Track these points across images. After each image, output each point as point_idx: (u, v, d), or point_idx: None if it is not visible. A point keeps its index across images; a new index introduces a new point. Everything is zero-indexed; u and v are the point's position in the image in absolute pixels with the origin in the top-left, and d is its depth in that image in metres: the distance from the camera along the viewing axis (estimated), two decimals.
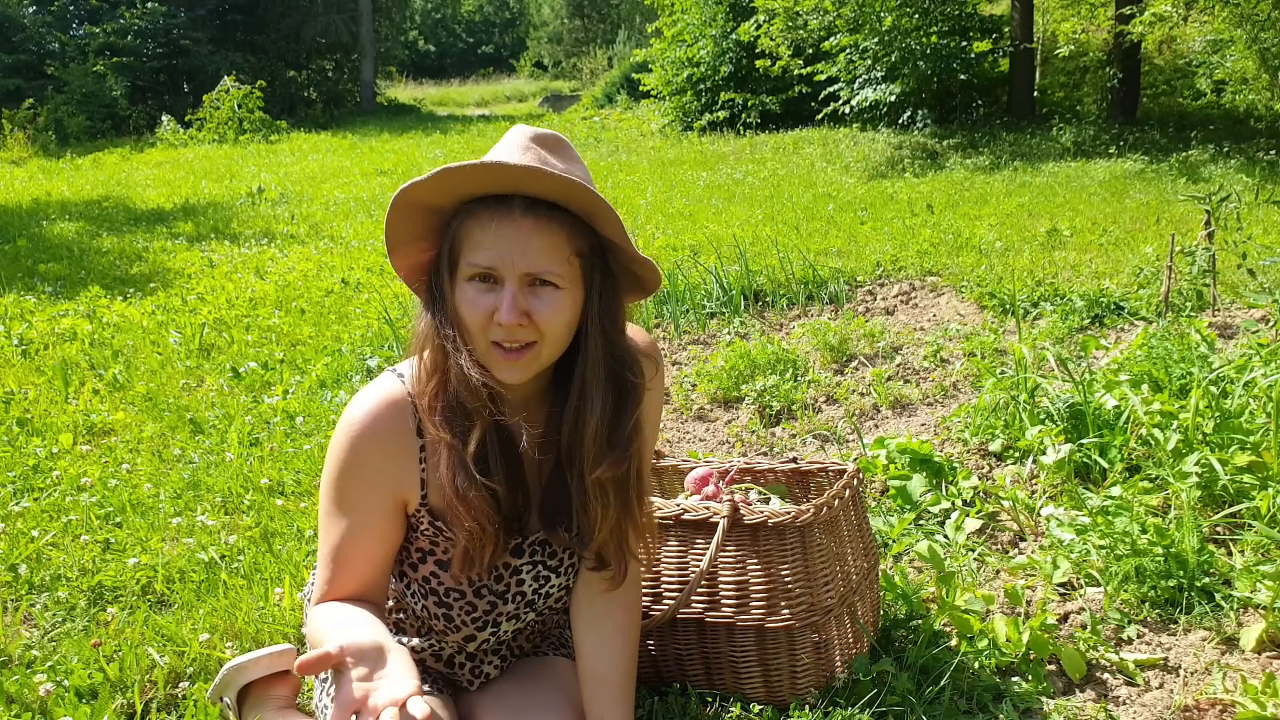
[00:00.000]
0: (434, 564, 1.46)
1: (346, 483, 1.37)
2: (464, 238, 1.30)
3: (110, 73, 19.14)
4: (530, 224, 1.28)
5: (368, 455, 1.36)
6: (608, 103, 21.69)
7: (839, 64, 12.26)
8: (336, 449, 1.37)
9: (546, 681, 1.59)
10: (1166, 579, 2.06)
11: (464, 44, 49.07)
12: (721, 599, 1.72)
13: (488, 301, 1.28)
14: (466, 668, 1.59)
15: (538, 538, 1.48)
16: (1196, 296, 4.09)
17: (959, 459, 2.83)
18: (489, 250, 1.28)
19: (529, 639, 1.65)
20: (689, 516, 1.73)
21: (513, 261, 1.27)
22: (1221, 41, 11.01)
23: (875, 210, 7.22)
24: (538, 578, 1.50)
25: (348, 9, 24.82)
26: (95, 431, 3.42)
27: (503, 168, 1.25)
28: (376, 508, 1.38)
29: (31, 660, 2.03)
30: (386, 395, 1.38)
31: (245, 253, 6.95)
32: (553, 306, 1.29)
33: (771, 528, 1.68)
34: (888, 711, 1.69)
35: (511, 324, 1.27)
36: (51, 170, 12.92)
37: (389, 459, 1.37)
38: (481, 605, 1.48)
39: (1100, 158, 9.37)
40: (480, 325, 1.29)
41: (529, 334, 1.29)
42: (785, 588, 1.68)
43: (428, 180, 1.27)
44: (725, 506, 1.70)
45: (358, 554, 1.38)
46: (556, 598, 1.57)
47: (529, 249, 1.27)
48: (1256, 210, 5.81)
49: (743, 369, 3.62)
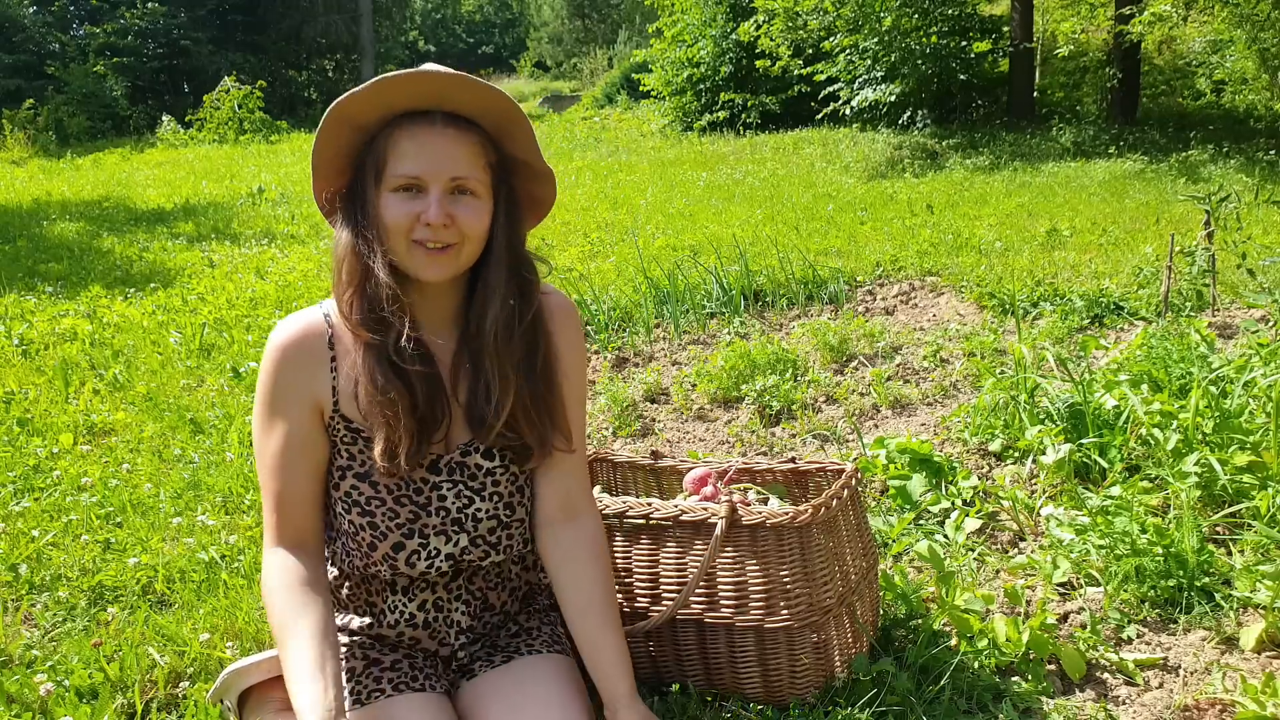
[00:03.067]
0: (353, 478, 1.53)
1: (269, 399, 1.50)
2: (390, 149, 1.43)
3: (110, 73, 19.15)
4: (452, 134, 1.43)
5: (283, 369, 1.49)
6: (608, 103, 21.70)
7: (839, 64, 12.27)
8: (260, 373, 1.52)
9: (543, 679, 1.59)
10: (1166, 579, 2.06)
11: (464, 44, 49.08)
12: (720, 600, 1.72)
13: (412, 207, 1.42)
14: (439, 621, 1.59)
15: (454, 457, 1.54)
16: (1196, 296, 4.09)
17: (959, 459, 2.83)
18: (415, 159, 1.41)
19: (494, 588, 1.65)
20: (687, 518, 1.73)
21: (438, 169, 1.41)
22: (1221, 41, 11.03)
23: (875, 210, 7.22)
24: (459, 495, 1.55)
25: (348, 9, 24.84)
26: (95, 431, 3.42)
27: (436, 75, 1.39)
28: (297, 418, 1.49)
29: (32, 660, 2.03)
30: (300, 316, 1.53)
31: (246, 253, 6.96)
32: (473, 211, 1.44)
33: (770, 528, 1.68)
34: (888, 711, 1.69)
35: (438, 223, 1.40)
36: (52, 170, 12.92)
37: (302, 369, 1.49)
38: (404, 513, 1.53)
39: (1100, 158, 9.37)
40: (405, 229, 1.42)
41: (452, 235, 1.43)
42: (784, 588, 1.68)
43: (363, 90, 1.39)
44: (723, 508, 1.69)
45: (293, 473, 1.49)
46: (489, 527, 1.57)
47: (454, 158, 1.42)
48: (1256, 210, 5.81)
49: (743, 369, 3.62)
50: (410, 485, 1.53)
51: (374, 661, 1.56)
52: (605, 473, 2.20)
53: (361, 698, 1.51)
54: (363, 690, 1.52)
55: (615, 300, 4.70)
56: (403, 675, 1.54)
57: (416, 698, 1.51)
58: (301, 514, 1.51)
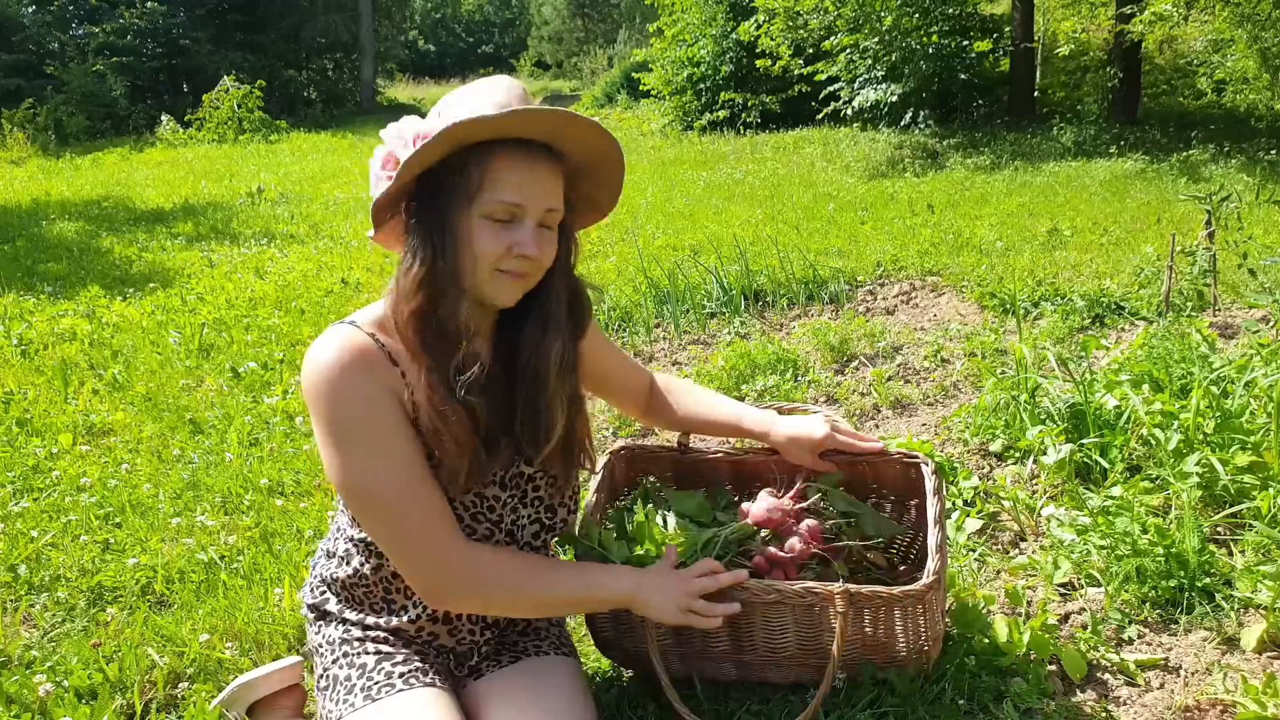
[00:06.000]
0: None
1: (357, 419, 1.39)
2: (488, 175, 1.39)
3: (110, 72, 19.13)
4: (548, 167, 1.43)
5: (360, 381, 1.40)
6: (608, 102, 21.70)
7: (839, 64, 12.25)
8: (326, 397, 1.39)
9: (549, 680, 1.59)
10: (1167, 579, 2.05)
11: (464, 43, 49.07)
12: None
13: (507, 237, 1.40)
14: (464, 618, 1.61)
15: (514, 470, 1.56)
16: (1197, 296, 4.08)
17: (959, 459, 2.83)
18: (518, 190, 1.39)
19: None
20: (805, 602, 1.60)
21: (538, 202, 1.41)
22: (1222, 41, 11.02)
23: (875, 210, 7.21)
24: (512, 509, 1.57)
25: (348, 9, 24.83)
26: (95, 431, 3.42)
27: (569, 118, 1.38)
28: (398, 429, 1.42)
29: (31, 660, 2.03)
30: (344, 332, 1.44)
31: (245, 253, 6.95)
32: (551, 243, 1.46)
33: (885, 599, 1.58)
34: (888, 711, 1.69)
35: (534, 257, 1.41)
36: (51, 170, 12.92)
37: (380, 380, 1.41)
38: (477, 529, 1.55)
39: (1101, 157, 9.36)
40: (495, 258, 1.40)
41: (534, 266, 1.44)
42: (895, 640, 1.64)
43: (495, 119, 1.34)
44: (839, 597, 1.57)
45: (429, 482, 1.43)
46: (533, 532, 1.61)
47: (551, 191, 1.43)
48: (1257, 210, 5.80)
49: (743, 369, 3.62)
50: (484, 504, 1.54)
51: (386, 656, 1.56)
52: (631, 464, 2.11)
53: (372, 693, 1.50)
54: (373, 685, 1.51)
55: (615, 300, 4.70)
56: (414, 671, 1.54)
57: (427, 693, 1.50)
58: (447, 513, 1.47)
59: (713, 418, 1.90)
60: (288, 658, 1.83)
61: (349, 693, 1.51)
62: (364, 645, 1.57)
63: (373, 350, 1.42)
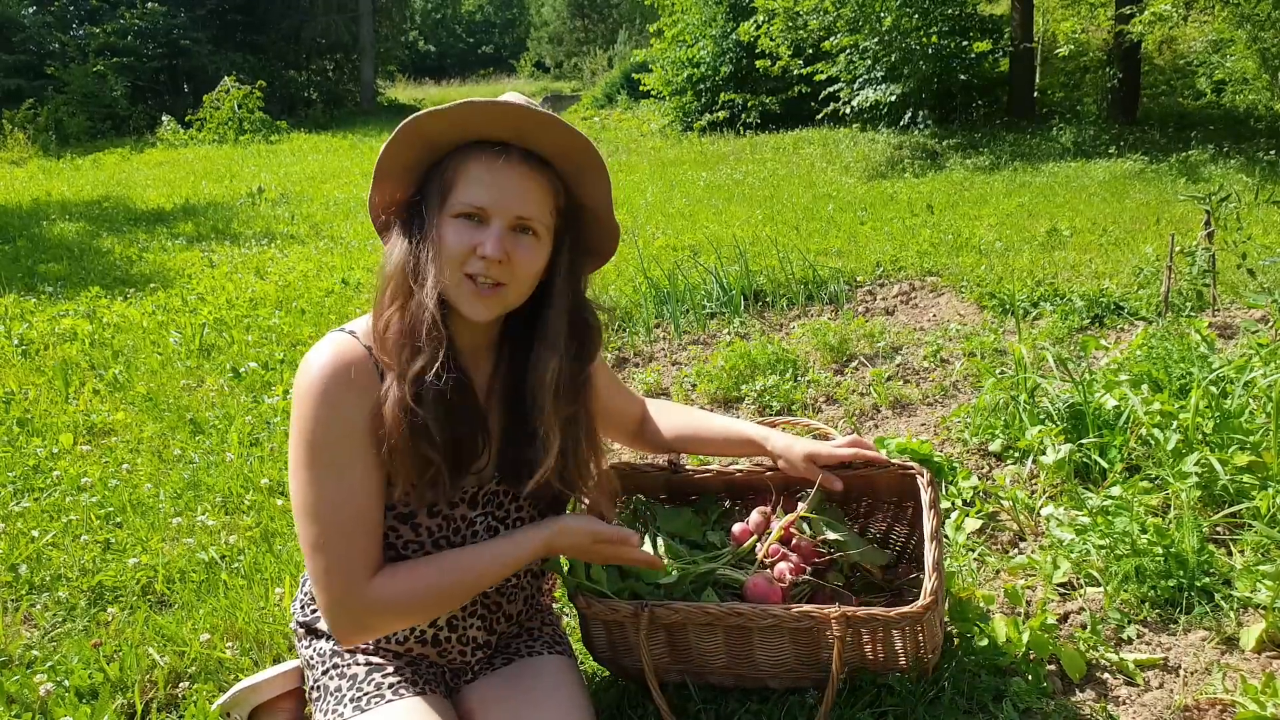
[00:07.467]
0: (393, 518, 1.46)
1: (328, 438, 1.36)
2: (459, 174, 1.38)
3: (110, 73, 19.13)
4: (524, 171, 1.39)
5: (342, 400, 1.36)
6: (608, 103, 21.72)
7: (839, 64, 12.26)
8: (308, 407, 1.36)
9: (544, 681, 1.59)
10: (1166, 579, 2.06)
11: (464, 44, 49.12)
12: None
13: (472, 237, 1.37)
14: (453, 640, 1.58)
15: (490, 488, 1.52)
16: (1196, 296, 4.09)
17: (959, 459, 2.83)
18: (483, 189, 1.37)
19: (510, 600, 1.64)
20: (801, 625, 1.60)
21: (504, 204, 1.37)
22: (1222, 41, 11.03)
23: (875, 210, 7.22)
24: (489, 529, 1.53)
25: (348, 9, 24.84)
26: (95, 431, 3.42)
27: (519, 110, 1.35)
28: (361, 459, 1.37)
29: (31, 660, 2.03)
30: (341, 342, 1.41)
31: (245, 253, 6.95)
32: (530, 252, 1.40)
33: (882, 621, 1.57)
34: (888, 711, 1.69)
35: (493, 259, 1.36)
36: (51, 170, 12.92)
37: (363, 396, 1.37)
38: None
39: (1100, 158, 9.37)
40: (460, 257, 1.37)
41: (503, 274, 1.38)
42: (895, 655, 1.65)
43: (443, 110, 1.34)
44: (836, 622, 1.55)
45: (372, 518, 1.39)
46: None
47: (523, 195, 1.38)
48: (1256, 210, 5.81)
49: (743, 369, 3.62)
50: (450, 525, 1.49)
51: (376, 668, 1.55)
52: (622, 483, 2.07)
53: (362, 704, 1.49)
54: (363, 696, 1.50)
55: (615, 300, 4.70)
56: (404, 681, 1.53)
57: (416, 703, 1.49)
58: (377, 550, 1.41)
59: (706, 434, 1.88)
60: (289, 661, 1.84)
61: (339, 703, 1.50)
62: (354, 656, 1.57)
63: (363, 362, 1.39)
